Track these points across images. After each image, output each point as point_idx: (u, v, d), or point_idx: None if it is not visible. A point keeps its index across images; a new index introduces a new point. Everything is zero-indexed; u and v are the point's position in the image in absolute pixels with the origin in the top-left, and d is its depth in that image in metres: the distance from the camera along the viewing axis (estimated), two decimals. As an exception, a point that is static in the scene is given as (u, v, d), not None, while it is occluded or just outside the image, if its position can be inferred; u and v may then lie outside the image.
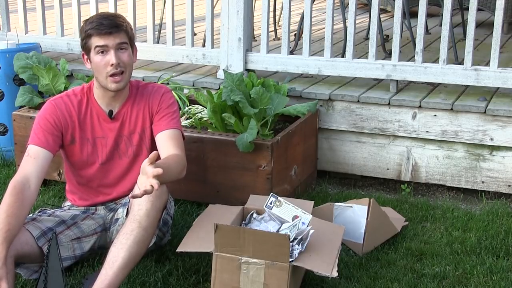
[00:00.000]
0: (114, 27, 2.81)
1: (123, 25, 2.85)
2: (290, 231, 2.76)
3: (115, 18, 2.86)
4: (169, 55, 4.50)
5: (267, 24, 4.18)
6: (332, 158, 4.07)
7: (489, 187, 3.79)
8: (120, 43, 2.82)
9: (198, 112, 3.80)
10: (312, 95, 4.01)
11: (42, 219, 2.85)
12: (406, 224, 3.44)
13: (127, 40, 2.86)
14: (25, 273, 2.82)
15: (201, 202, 3.54)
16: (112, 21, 2.82)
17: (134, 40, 2.93)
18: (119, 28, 2.82)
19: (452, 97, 3.87)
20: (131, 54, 2.89)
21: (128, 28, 2.88)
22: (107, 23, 2.80)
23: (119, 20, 2.85)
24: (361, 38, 5.43)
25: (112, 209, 3.05)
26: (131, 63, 2.89)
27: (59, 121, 2.90)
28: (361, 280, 2.93)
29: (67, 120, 2.92)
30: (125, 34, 2.85)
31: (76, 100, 2.95)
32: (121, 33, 2.83)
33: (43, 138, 2.85)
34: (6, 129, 4.26)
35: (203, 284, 2.88)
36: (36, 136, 2.86)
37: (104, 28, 2.79)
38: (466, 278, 2.97)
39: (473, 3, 3.72)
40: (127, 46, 2.86)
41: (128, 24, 2.89)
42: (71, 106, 2.94)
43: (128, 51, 2.86)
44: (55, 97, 2.98)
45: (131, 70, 2.91)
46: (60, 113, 2.91)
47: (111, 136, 2.97)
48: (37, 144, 2.83)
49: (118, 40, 2.81)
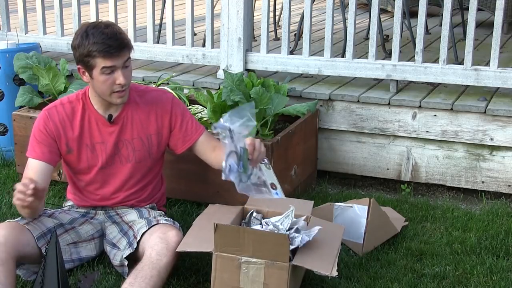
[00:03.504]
0: (122, 48, 2.74)
1: (128, 43, 2.78)
2: (281, 224, 2.77)
3: (120, 36, 2.76)
4: (169, 55, 4.50)
5: (267, 24, 4.18)
6: (332, 158, 4.07)
7: (489, 187, 3.79)
8: (126, 60, 2.78)
9: (198, 112, 3.80)
10: (312, 95, 4.01)
11: (42, 219, 2.85)
12: (406, 224, 3.44)
13: (129, 54, 2.82)
14: (24, 274, 2.82)
15: (201, 202, 3.54)
16: (119, 41, 2.73)
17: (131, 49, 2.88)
18: (125, 48, 2.76)
19: (452, 97, 3.87)
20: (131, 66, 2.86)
21: (129, 42, 2.82)
22: (115, 45, 2.72)
23: (124, 39, 2.77)
24: (361, 38, 5.43)
25: (111, 217, 3.04)
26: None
27: (51, 131, 2.89)
28: (361, 280, 2.93)
29: (59, 130, 2.90)
30: (128, 50, 2.79)
31: (71, 108, 2.92)
32: (127, 51, 2.78)
33: (39, 151, 2.86)
34: (6, 129, 4.26)
35: (203, 284, 2.88)
36: (32, 149, 2.88)
37: (114, 51, 2.71)
38: (466, 278, 2.97)
39: (473, 3, 3.72)
40: (130, 62, 2.82)
41: (128, 37, 2.83)
42: (65, 115, 2.91)
43: (130, 65, 2.83)
44: (49, 107, 2.96)
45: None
46: (53, 123, 2.89)
47: (111, 140, 2.94)
48: (35, 157, 2.86)
49: (124, 59, 2.77)
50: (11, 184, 3.91)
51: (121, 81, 2.76)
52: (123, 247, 2.85)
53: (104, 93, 2.82)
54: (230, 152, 2.57)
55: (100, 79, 2.76)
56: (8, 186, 3.89)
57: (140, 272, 2.62)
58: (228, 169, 2.58)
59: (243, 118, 2.58)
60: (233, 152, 2.58)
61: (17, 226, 2.74)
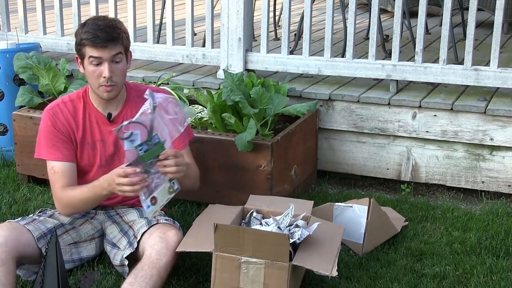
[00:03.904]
0: (110, 40, 2.75)
1: (119, 37, 2.78)
2: (281, 223, 2.77)
3: (112, 30, 2.77)
4: (169, 55, 4.50)
5: (267, 24, 4.18)
6: (332, 158, 4.07)
7: (489, 187, 3.79)
8: (115, 54, 2.77)
9: (198, 112, 3.80)
10: (312, 95, 4.01)
11: (42, 220, 2.85)
12: (406, 224, 3.44)
13: (122, 50, 2.81)
14: (24, 274, 2.82)
15: (201, 202, 3.54)
16: (109, 33, 2.75)
17: (129, 46, 2.89)
18: (115, 41, 2.77)
19: (452, 97, 3.87)
20: (126, 63, 2.85)
21: (124, 37, 2.81)
22: (103, 36, 2.73)
23: (115, 32, 2.78)
24: (361, 38, 5.43)
25: (111, 217, 3.04)
26: (125, 71, 2.87)
27: (60, 129, 2.90)
28: (361, 280, 2.93)
29: (66, 127, 2.91)
30: (120, 44, 2.79)
31: (72, 106, 2.93)
32: (117, 45, 2.78)
33: (58, 152, 2.88)
34: (6, 129, 4.26)
35: (203, 284, 2.88)
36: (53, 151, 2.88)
37: (99, 42, 2.73)
38: (466, 278, 2.97)
39: (473, 3, 3.72)
40: (121, 57, 2.81)
41: (125, 33, 2.83)
42: (68, 112, 2.92)
43: (122, 62, 2.81)
44: (51, 106, 2.96)
45: (124, 78, 2.89)
46: (59, 121, 2.90)
47: (111, 139, 2.94)
48: (59, 159, 2.88)
49: (113, 52, 2.76)
50: (11, 184, 3.91)
51: (106, 74, 2.76)
52: (123, 246, 2.85)
53: (93, 84, 2.84)
54: (144, 122, 2.52)
55: (88, 69, 2.81)
56: (8, 186, 3.89)
57: (140, 272, 2.62)
58: (130, 134, 2.52)
59: (178, 114, 2.58)
60: (146, 125, 2.52)
61: (18, 226, 2.74)
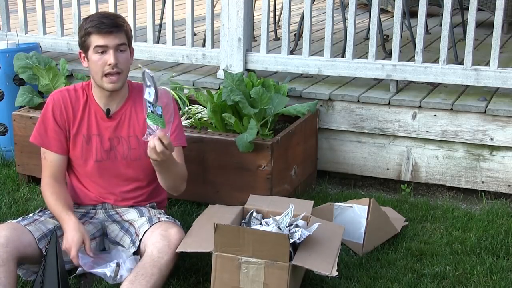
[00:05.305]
0: (114, 26, 2.81)
1: (124, 26, 2.85)
2: (281, 223, 2.77)
3: (116, 18, 2.86)
4: (169, 55, 4.50)
5: (267, 24, 4.18)
6: (332, 158, 4.07)
7: (489, 187, 3.79)
8: (120, 44, 2.82)
9: (198, 112, 3.80)
10: (312, 95, 4.01)
11: (43, 220, 2.85)
12: (406, 224, 3.44)
13: (126, 41, 2.86)
14: (24, 274, 2.82)
15: (201, 202, 3.54)
16: (113, 20, 2.82)
17: (132, 40, 2.94)
18: (119, 28, 2.82)
19: (452, 97, 3.87)
20: (129, 55, 2.89)
21: (128, 29, 2.88)
22: (108, 22, 2.80)
23: (119, 20, 2.85)
24: (361, 38, 5.43)
25: (111, 216, 3.03)
26: (129, 64, 2.91)
27: (57, 119, 2.93)
28: (361, 280, 2.93)
29: (63, 116, 2.94)
30: (124, 35, 2.85)
31: (75, 96, 2.97)
32: (121, 33, 2.83)
33: (53, 143, 2.93)
34: (6, 129, 4.26)
35: (203, 284, 2.88)
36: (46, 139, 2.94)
37: (105, 27, 2.78)
38: (466, 278, 2.97)
39: (473, 3, 3.72)
40: (126, 48, 2.86)
41: (128, 25, 2.90)
42: (69, 101, 2.95)
43: (126, 52, 2.86)
44: (57, 90, 3.01)
45: (128, 72, 2.92)
46: (58, 110, 2.94)
47: (107, 135, 2.96)
48: (51, 149, 2.93)
49: (117, 41, 2.81)
50: (11, 184, 3.91)
51: (111, 60, 2.79)
52: (127, 245, 2.86)
53: (97, 74, 2.85)
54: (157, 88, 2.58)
55: (93, 59, 2.83)
56: (8, 186, 3.89)
57: (141, 270, 2.62)
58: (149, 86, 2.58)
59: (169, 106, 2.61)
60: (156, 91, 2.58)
61: (18, 227, 2.74)
